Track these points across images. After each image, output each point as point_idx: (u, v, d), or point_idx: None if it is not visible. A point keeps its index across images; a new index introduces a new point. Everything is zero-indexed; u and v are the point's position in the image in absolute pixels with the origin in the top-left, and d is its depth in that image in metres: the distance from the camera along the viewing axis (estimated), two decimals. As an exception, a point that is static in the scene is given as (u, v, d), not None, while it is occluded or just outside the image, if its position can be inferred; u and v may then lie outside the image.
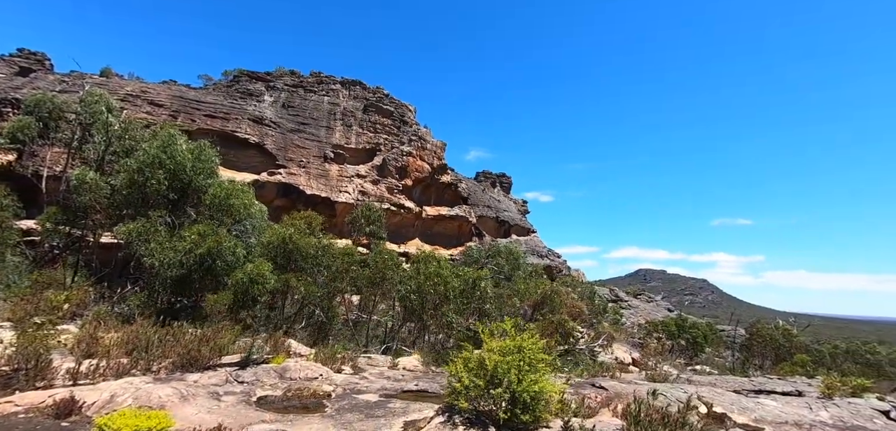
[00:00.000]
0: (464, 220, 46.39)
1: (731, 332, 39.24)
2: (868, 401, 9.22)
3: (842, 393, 9.76)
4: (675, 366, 26.96)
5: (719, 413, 7.89)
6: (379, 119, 42.20)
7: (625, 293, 55.38)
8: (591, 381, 8.93)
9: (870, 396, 9.65)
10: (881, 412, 8.56)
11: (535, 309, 18.94)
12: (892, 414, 8.55)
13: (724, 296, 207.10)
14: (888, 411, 8.61)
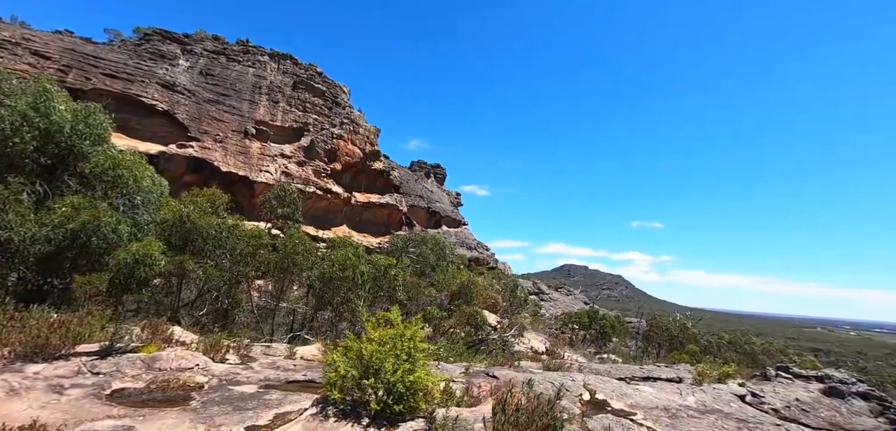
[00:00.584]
0: (394, 209, 45.82)
1: (637, 324, 42.85)
2: (729, 386, 10.26)
3: (710, 380, 10.77)
4: (585, 355, 28.68)
5: (601, 400, 8.32)
6: (309, 97, 40.16)
7: (547, 286, 58.14)
8: (486, 370, 9.03)
9: (733, 381, 10.75)
10: (738, 396, 9.55)
11: (452, 299, 19.08)
12: (747, 398, 9.56)
13: (636, 291, 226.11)
14: (744, 395, 9.62)
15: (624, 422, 6.59)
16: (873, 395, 10.05)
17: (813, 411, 9.30)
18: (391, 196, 46.53)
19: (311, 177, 36.45)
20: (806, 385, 10.44)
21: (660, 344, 30.51)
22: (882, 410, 9.67)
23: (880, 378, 29.24)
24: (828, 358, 71.37)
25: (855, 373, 27.84)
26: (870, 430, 9.16)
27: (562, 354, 21.04)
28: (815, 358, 64.79)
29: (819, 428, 8.80)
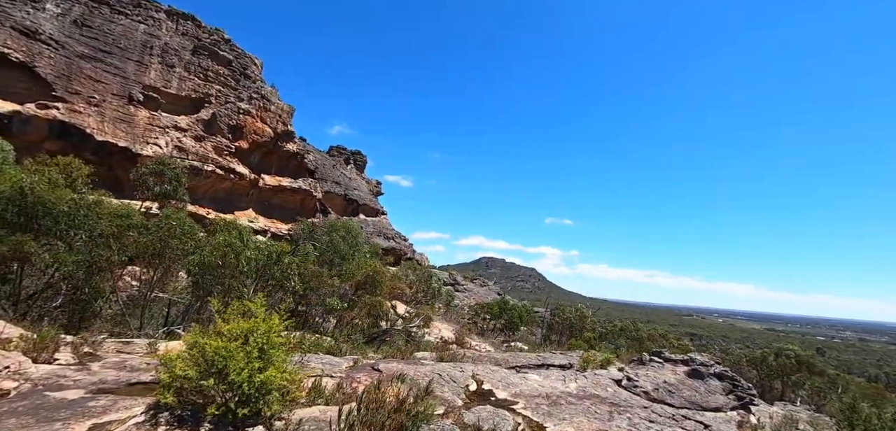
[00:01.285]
0: (308, 194, 43.39)
1: (544, 314, 45.48)
2: (610, 372, 10.87)
3: (594, 365, 11.35)
4: (494, 343, 29.44)
5: (487, 390, 8.26)
6: (212, 66, 36.23)
7: (463, 277, 59.20)
8: (373, 364, 8.54)
9: (613, 367, 11.42)
10: (615, 381, 10.13)
11: (357, 289, 18.31)
12: (623, 383, 10.18)
13: (547, 283, 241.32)
14: (620, 380, 10.22)
15: (501, 413, 6.49)
16: (726, 375, 11.31)
17: (677, 392, 10.17)
18: (305, 180, 43.95)
19: (211, 155, 32.96)
20: (674, 368, 11.45)
21: (561, 331, 32.56)
22: (732, 388, 10.91)
23: (737, 358, 34.08)
24: (700, 341, 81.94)
25: (716, 356, 31.88)
26: (721, 406, 10.25)
27: (469, 343, 21.33)
28: (690, 341, 74.00)
29: (681, 407, 9.61)
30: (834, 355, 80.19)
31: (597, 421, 6.94)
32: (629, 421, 7.27)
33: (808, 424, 11.83)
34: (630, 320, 58.19)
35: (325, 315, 18.78)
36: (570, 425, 6.56)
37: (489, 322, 37.32)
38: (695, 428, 7.63)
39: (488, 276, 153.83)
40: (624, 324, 50.08)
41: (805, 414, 13.79)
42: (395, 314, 20.65)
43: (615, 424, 6.99)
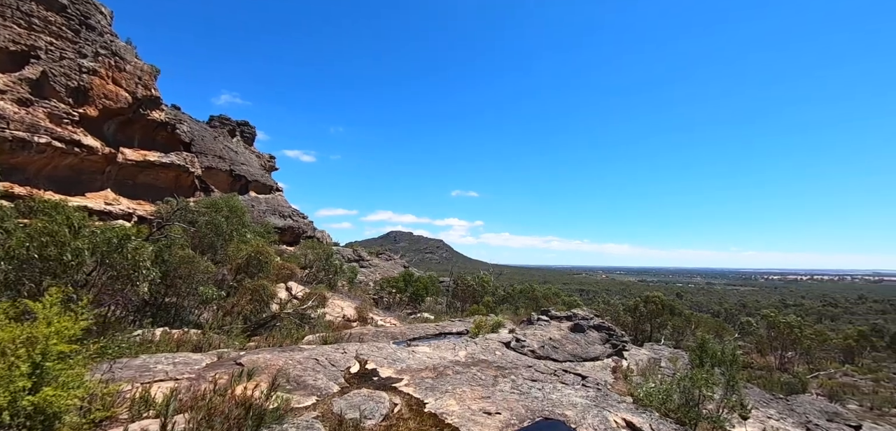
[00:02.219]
0: (183, 170, 38.07)
1: (448, 283, 46.54)
2: (500, 335, 11.01)
3: (485, 330, 11.42)
4: (400, 316, 29.02)
5: (371, 369, 7.69)
6: (39, 10, 29.14)
7: (368, 253, 57.87)
8: (235, 358, 7.41)
9: (504, 329, 11.63)
10: (504, 343, 10.26)
11: (237, 273, 16.42)
12: (512, 344, 10.36)
13: (455, 254, 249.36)
14: (509, 342, 10.39)
15: (378, 395, 5.96)
16: (603, 326, 12.21)
17: (561, 347, 10.67)
18: (179, 154, 38.45)
19: (44, 123, 26.73)
20: (559, 325, 12.05)
21: (464, 298, 33.50)
22: (608, 337, 11.80)
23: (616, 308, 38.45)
24: (588, 296, 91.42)
25: (599, 309, 35.21)
26: (599, 355, 11.01)
27: (373, 318, 20.61)
28: (579, 297, 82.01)
29: (564, 360, 10.07)
30: (689, 298, 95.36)
31: (480, 388, 6.77)
32: (513, 383, 7.26)
33: (669, 361, 13.41)
34: (528, 282, 62.47)
35: (201, 305, 16.64)
36: (451, 397, 6.26)
37: (395, 295, 36.94)
38: (573, 380, 7.93)
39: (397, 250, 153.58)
40: (523, 287, 53.46)
41: (667, 352, 15.68)
42: (292, 295, 19.11)
43: (498, 388, 6.90)
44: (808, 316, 59.36)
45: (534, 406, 6.25)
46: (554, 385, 7.48)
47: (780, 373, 23.83)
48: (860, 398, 19.17)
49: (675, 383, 6.91)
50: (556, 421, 5.85)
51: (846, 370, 25.32)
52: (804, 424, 11.01)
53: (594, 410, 6.37)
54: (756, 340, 32.38)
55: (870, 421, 14.33)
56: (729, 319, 51.43)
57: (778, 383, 19.28)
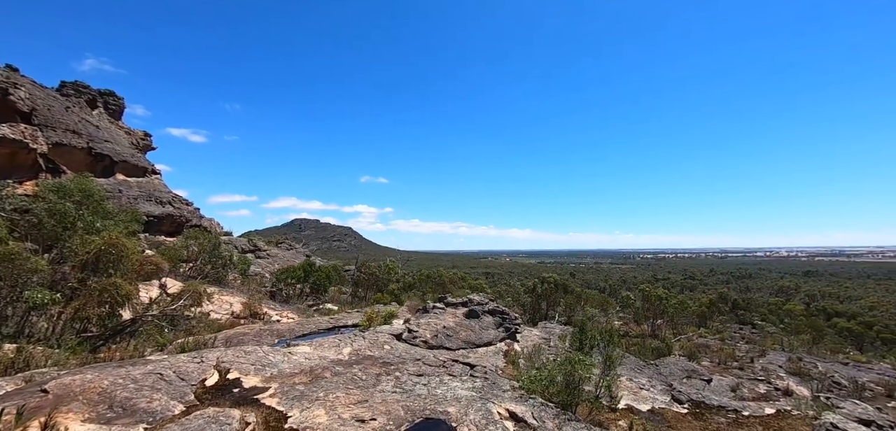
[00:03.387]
0: (21, 146, 31.19)
1: (354, 272, 44.97)
2: (393, 326, 10.45)
3: (377, 322, 10.78)
4: (301, 309, 27.05)
5: (233, 379, 6.60)
6: None
7: (266, 242, 53.56)
8: (42, 385, 5.82)
9: (398, 319, 11.09)
10: (396, 335, 9.72)
11: (83, 271, 13.63)
12: (404, 335, 9.86)
13: (364, 241, 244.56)
14: (401, 333, 9.87)
15: (226, 415, 4.99)
16: (497, 311, 12.31)
17: (455, 335, 10.45)
18: (14, 127, 31.43)
19: None
20: (454, 312, 11.87)
21: (368, 287, 32.49)
22: (502, 321, 11.91)
23: (517, 289, 40.48)
24: (493, 279, 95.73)
25: (498, 289, 36.48)
26: (492, 340, 11.02)
27: (266, 313, 18.75)
28: (485, 280, 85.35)
29: (458, 348, 9.85)
30: (580, 276, 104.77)
31: (358, 391, 6.13)
32: (396, 381, 6.73)
33: (560, 339, 14.07)
34: (436, 268, 63.19)
35: (31, 312, 13.56)
36: (321, 406, 5.53)
37: (295, 287, 34.57)
38: (462, 371, 7.66)
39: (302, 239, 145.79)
40: (430, 272, 53.85)
41: (558, 330, 16.50)
42: (165, 294, 16.50)
43: (379, 389, 6.32)
44: (673, 288, 68.69)
45: (415, 405, 5.78)
46: (441, 378, 7.11)
47: (651, 339, 26.93)
48: (711, 355, 22.26)
49: (559, 366, 6.98)
50: (436, 421, 5.44)
51: (701, 333, 29.41)
52: (668, 385, 12.23)
53: (478, 403, 6.10)
54: (634, 311, 36.29)
55: (718, 374, 16.56)
56: (612, 294, 57.25)
57: (650, 348, 21.63)
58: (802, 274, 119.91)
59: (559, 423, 5.86)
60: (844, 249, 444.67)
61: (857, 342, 30.51)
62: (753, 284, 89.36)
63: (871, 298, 59.74)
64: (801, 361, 19.99)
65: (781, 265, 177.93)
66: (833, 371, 18.66)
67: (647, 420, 7.35)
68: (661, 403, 8.53)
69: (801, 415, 8.93)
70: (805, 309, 45.47)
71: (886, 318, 44.23)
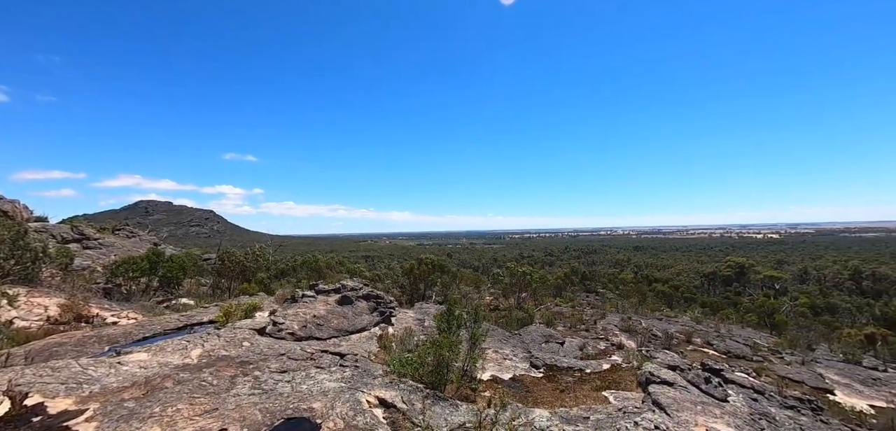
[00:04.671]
0: None
1: (215, 261, 40.07)
2: (254, 320, 9.52)
3: (235, 318, 9.73)
4: (143, 308, 23.17)
5: (33, 406, 5.26)
6: None
7: (98, 230, 44.62)
8: None
9: (262, 312, 10.16)
10: (257, 329, 8.87)
11: None
12: (268, 329, 9.06)
13: (229, 226, 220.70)
14: (265, 327, 9.05)
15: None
16: (372, 295, 12.12)
17: (326, 323, 9.97)
18: None
19: None
20: (326, 299, 11.33)
21: (232, 277, 29.34)
22: (376, 306, 11.76)
23: (396, 271, 40.80)
24: (372, 262, 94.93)
25: (377, 272, 36.25)
26: (366, 326, 10.82)
27: (99, 315, 15.56)
28: (364, 263, 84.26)
29: (329, 338, 9.41)
30: (457, 256, 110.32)
31: (207, 399, 5.39)
32: (255, 381, 6.12)
33: (434, 318, 14.47)
34: (312, 253, 59.96)
35: None
36: (158, 422, 4.71)
37: (139, 281, 29.53)
38: (331, 361, 7.32)
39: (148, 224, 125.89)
40: (306, 258, 50.96)
41: (433, 309, 16.99)
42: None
43: (234, 393, 5.66)
44: (536, 264, 76.66)
45: (276, 406, 5.30)
46: (308, 372, 6.68)
47: (517, 311, 29.64)
48: (564, 321, 25.38)
49: (429, 347, 7.12)
50: (299, 419, 5.07)
51: (557, 302, 33.36)
52: (528, 352, 13.53)
53: (347, 394, 5.87)
54: (503, 287, 39.46)
55: (569, 336, 18.94)
56: (485, 272, 61.44)
57: (515, 319, 23.74)
58: (633, 249, 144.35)
59: (428, 404, 5.97)
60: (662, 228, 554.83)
61: (668, 301, 37.85)
62: (597, 258, 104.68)
63: (679, 266, 74.85)
64: (631, 319, 24.03)
65: (618, 242, 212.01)
66: (652, 326, 22.82)
67: (508, 388, 7.99)
68: (521, 370, 9.36)
69: (629, 368, 10.69)
70: (634, 277, 54.79)
71: (688, 282, 55.89)
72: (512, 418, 5.47)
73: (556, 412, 6.43)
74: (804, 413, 8.56)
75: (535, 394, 7.79)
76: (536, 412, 6.28)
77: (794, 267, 70.49)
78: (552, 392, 7.96)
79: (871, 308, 38.59)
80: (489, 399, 6.30)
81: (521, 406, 6.51)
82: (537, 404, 7.14)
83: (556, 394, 7.86)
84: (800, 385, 15.62)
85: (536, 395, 7.74)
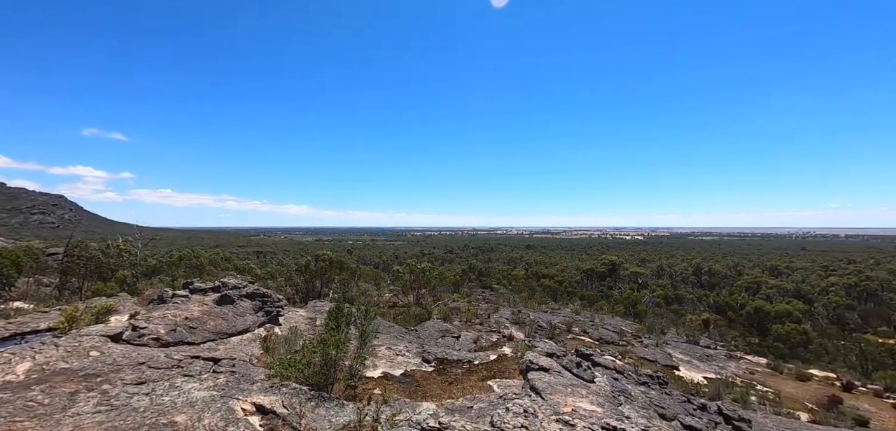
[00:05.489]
0: None
1: (62, 257, 33.64)
2: (108, 324, 8.22)
3: (85, 322, 8.30)
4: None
5: None
6: None
7: None
8: None
9: (118, 315, 8.81)
10: (109, 336, 7.67)
11: None
12: (126, 335, 7.89)
13: (87, 215, 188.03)
14: (120, 333, 7.86)
15: None
16: (258, 294, 11.25)
17: (201, 326, 8.99)
18: None
19: None
20: (202, 299, 10.22)
21: (84, 275, 24.86)
22: (262, 305, 10.95)
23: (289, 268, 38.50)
24: (265, 258, 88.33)
25: (259, 273, 33.91)
26: (249, 326, 10.01)
27: None
28: (256, 260, 78.07)
29: (204, 342, 8.51)
30: (357, 253, 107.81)
31: (33, 422, 4.49)
32: (102, 396, 5.26)
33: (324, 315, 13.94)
34: (193, 248, 53.63)
35: None
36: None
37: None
38: (203, 368, 6.61)
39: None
40: (183, 254, 45.44)
41: (327, 306, 16.37)
42: None
43: (73, 412, 4.80)
44: (436, 261, 78.39)
45: (127, 424, 4.62)
46: (173, 381, 5.95)
47: (416, 307, 29.95)
48: (461, 316, 26.34)
49: (316, 346, 6.82)
50: (156, 436, 4.47)
51: (454, 298, 34.49)
52: (422, 347, 13.76)
53: (219, 403, 5.35)
54: (403, 283, 39.59)
55: (465, 330, 19.69)
56: (385, 268, 61.10)
57: (414, 316, 23.97)
58: (525, 247, 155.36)
59: (312, 406, 5.72)
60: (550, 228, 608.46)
61: (554, 295, 41.46)
62: (494, 256, 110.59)
63: (563, 264, 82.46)
64: (521, 312, 25.81)
65: (512, 240, 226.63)
66: (539, 318, 24.78)
67: (398, 383, 8.02)
68: (413, 365, 9.46)
69: (514, 358, 11.46)
70: (524, 273, 58.94)
71: (570, 277, 61.84)
72: (394, 414, 5.49)
73: (443, 404, 6.62)
74: (653, 388, 10.00)
75: (425, 388, 7.94)
76: (423, 405, 6.39)
77: (654, 265, 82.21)
78: (441, 385, 8.19)
79: (708, 298, 46.66)
80: (369, 396, 6.25)
81: (409, 401, 6.58)
82: (425, 397, 7.28)
83: (445, 387, 8.11)
84: (653, 364, 18.24)
85: (426, 389, 7.89)
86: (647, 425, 6.48)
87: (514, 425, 4.96)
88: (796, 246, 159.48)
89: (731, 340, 27.76)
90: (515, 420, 5.11)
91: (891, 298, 48.45)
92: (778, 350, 26.29)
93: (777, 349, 26.51)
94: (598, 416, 5.97)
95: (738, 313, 35.60)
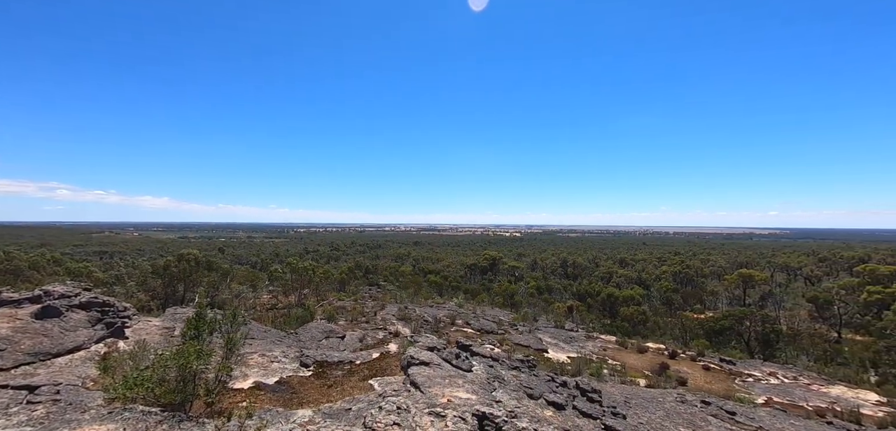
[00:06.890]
0: None
1: None
2: None
3: None
4: None
5: None
6: None
7: None
8: None
9: None
10: None
11: None
12: None
13: None
14: None
15: None
16: (96, 303, 9.50)
17: (12, 345, 7.25)
18: None
19: None
20: (15, 312, 8.26)
21: None
22: (101, 316, 9.28)
23: (144, 270, 33.27)
24: (111, 258, 74.92)
25: (101, 277, 29.11)
26: (83, 343, 8.40)
27: None
28: (99, 260, 65.78)
29: (14, 367, 6.90)
30: (231, 251, 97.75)
31: None
32: None
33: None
34: (6, 249, 42.94)
35: None
36: None
37: None
38: (11, 400, 5.35)
39: None
40: (-11, 255, 36.29)
41: (189, 313, 14.56)
42: None
43: None
44: (321, 259, 75.06)
45: None
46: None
47: (297, 309, 28.27)
48: (346, 315, 25.63)
49: (171, 358, 6.00)
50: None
51: (340, 297, 33.45)
52: (300, 351, 13.09)
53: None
54: (283, 284, 37.05)
55: (350, 330, 19.20)
56: (263, 268, 56.59)
57: (294, 318, 22.60)
58: (413, 243, 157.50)
59: (165, 429, 5.04)
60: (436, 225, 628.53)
61: (440, 290, 42.81)
62: (381, 252, 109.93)
63: (449, 260, 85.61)
64: (407, 309, 26.09)
65: (400, 237, 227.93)
66: (425, 313, 25.35)
67: (272, 392, 7.51)
68: (289, 371, 8.94)
69: (396, 353, 11.55)
70: (412, 269, 59.80)
71: (455, 273, 64.49)
72: (261, 426, 5.12)
73: (320, 409, 6.39)
74: (523, 371, 10.97)
75: (301, 394, 7.57)
76: (299, 413, 6.08)
77: (529, 259, 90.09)
78: (320, 390, 7.89)
79: (572, 287, 52.70)
80: (231, 410, 5.75)
81: (283, 410, 6.20)
82: (302, 404, 6.95)
83: (324, 391, 7.83)
84: (527, 349, 20.02)
85: (302, 395, 7.52)
86: (516, 406, 7.10)
87: (386, 423, 5.01)
88: (639, 242, 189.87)
89: (589, 323, 31.90)
90: (387, 418, 5.17)
91: (703, 282, 60.51)
92: (624, 328, 30.99)
93: (624, 328, 31.23)
94: (470, 403, 6.35)
95: (595, 299, 41.01)
